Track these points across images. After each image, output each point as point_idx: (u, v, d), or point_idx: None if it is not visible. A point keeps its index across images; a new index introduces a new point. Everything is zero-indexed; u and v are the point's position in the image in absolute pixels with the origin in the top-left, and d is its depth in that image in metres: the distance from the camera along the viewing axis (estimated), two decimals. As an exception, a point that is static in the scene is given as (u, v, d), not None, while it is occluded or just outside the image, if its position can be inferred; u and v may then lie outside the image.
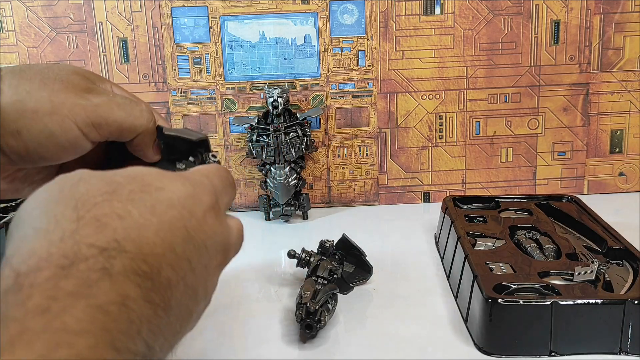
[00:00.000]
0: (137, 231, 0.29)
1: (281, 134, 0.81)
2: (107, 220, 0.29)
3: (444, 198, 0.78)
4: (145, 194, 0.31)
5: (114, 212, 0.29)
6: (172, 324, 0.30)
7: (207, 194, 0.35)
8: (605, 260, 0.60)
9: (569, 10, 0.87)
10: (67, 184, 0.31)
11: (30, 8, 0.84)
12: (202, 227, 0.33)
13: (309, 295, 0.54)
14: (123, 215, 0.30)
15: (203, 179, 0.36)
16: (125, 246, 0.28)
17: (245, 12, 0.85)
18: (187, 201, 0.33)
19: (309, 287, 0.56)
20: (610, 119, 0.90)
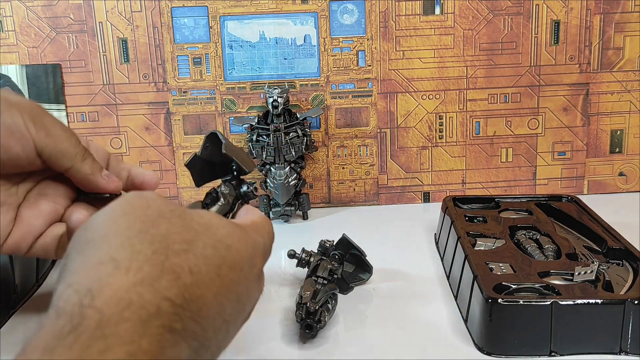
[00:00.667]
0: (201, 290, 0.30)
1: (281, 134, 0.81)
2: (181, 273, 0.30)
3: (444, 198, 0.78)
4: (215, 250, 0.32)
5: (187, 266, 0.30)
6: None
7: (260, 257, 0.37)
8: (605, 260, 0.60)
9: (569, 10, 0.87)
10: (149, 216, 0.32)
11: (30, 8, 0.84)
12: (249, 291, 0.35)
13: (309, 295, 0.54)
14: (195, 271, 0.30)
15: (259, 240, 0.37)
16: (190, 305, 0.29)
17: (245, 12, 0.85)
18: (245, 265, 0.35)
19: (309, 287, 0.56)
20: (610, 119, 0.90)
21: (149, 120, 0.88)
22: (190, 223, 0.33)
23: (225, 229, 0.34)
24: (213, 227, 0.34)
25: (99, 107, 0.87)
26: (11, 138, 0.40)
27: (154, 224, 0.31)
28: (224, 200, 0.43)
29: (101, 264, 0.29)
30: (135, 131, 0.88)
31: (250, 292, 0.35)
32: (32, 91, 0.85)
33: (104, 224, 0.32)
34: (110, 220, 0.32)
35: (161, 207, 0.33)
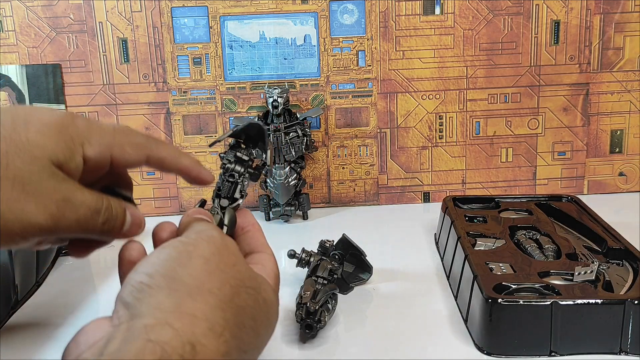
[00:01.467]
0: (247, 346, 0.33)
1: (281, 134, 0.81)
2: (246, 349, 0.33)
3: (444, 198, 0.78)
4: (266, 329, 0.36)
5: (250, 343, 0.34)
6: None
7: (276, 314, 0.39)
8: (605, 260, 0.60)
9: (569, 10, 0.87)
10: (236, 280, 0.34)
11: (30, 8, 0.84)
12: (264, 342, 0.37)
13: (309, 295, 0.54)
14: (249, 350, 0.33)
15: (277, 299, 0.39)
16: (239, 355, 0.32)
17: (245, 12, 0.85)
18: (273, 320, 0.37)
19: (309, 287, 0.56)
20: (610, 119, 0.90)
21: (149, 120, 0.88)
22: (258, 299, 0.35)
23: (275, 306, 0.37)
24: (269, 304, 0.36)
25: (99, 107, 0.87)
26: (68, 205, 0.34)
27: (238, 293, 0.34)
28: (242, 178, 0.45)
29: (195, 318, 0.30)
30: (135, 131, 0.87)
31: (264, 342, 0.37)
32: (32, 91, 0.86)
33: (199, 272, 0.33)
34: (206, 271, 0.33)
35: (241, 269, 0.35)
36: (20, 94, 0.86)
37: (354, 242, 0.63)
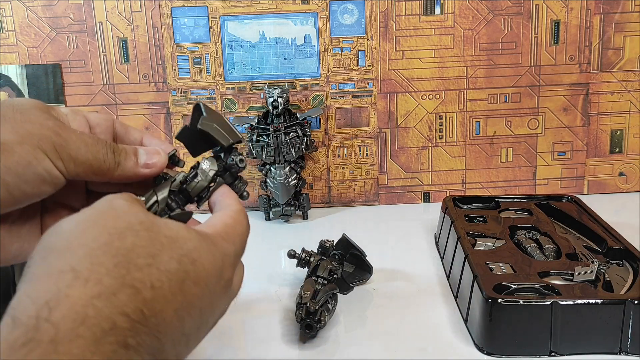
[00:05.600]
0: (162, 305, 0.30)
1: (281, 134, 0.81)
2: (142, 288, 0.30)
3: (444, 198, 0.78)
4: (180, 265, 0.32)
5: (149, 281, 0.30)
6: None
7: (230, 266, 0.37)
8: (605, 260, 0.60)
9: (569, 10, 0.87)
10: (117, 228, 0.32)
11: (30, 8, 0.84)
12: (213, 304, 0.35)
13: (309, 295, 0.54)
14: (156, 286, 0.30)
15: (230, 249, 0.37)
16: (148, 321, 0.29)
17: (245, 12, 0.85)
18: (211, 279, 0.34)
19: (309, 287, 0.56)
20: (610, 119, 0.90)
21: (149, 120, 0.88)
22: (157, 236, 0.32)
23: (193, 242, 0.34)
24: (180, 241, 0.33)
25: (99, 107, 0.87)
26: (44, 184, 0.38)
27: (121, 236, 0.31)
28: (202, 176, 0.42)
29: (62, 273, 0.29)
30: (135, 131, 0.87)
31: (215, 305, 0.35)
32: (32, 91, 0.86)
33: (71, 233, 0.31)
34: (78, 229, 0.31)
35: (131, 218, 0.33)
36: (20, 94, 0.86)
37: (354, 242, 0.63)
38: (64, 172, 0.38)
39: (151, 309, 0.30)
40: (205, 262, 0.34)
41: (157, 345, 0.30)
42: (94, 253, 0.30)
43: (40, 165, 0.37)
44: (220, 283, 0.35)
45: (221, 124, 0.43)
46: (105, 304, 0.28)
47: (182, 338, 0.32)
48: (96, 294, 0.28)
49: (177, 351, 0.32)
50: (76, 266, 0.29)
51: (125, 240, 0.31)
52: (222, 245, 0.36)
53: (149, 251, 0.31)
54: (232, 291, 0.39)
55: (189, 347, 0.34)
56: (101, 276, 0.29)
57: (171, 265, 0.32)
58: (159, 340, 0.30)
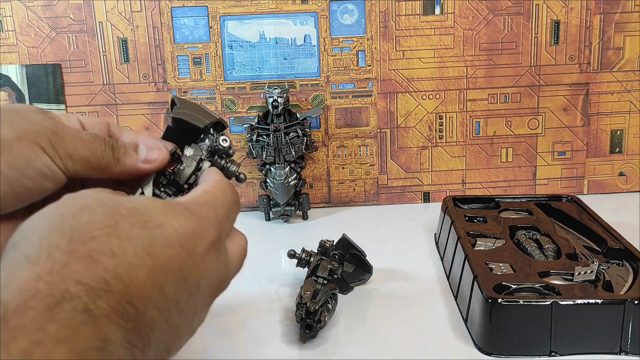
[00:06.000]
0: (128, 271, 0.29)
1: (281, 134, 0.81)
2: (100, 257, 0.29)
3: (444, 198, 0.78)
4: (144, 230, 0.31)
5: (109, 249, 0.29)
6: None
7: (211, 228, 0.35)
8: (605, 260, 0.60)
9: (569, 10, 0.87)
10: (71, 210, 0.31)
11: (30, 8, 0.84)
12: (198, 267, 0.33)
13: (309, 295, 0.54)
14: (117, 252, 0.29)
15: (209, 212, 0.36)
16: (112, 286, 0.28)
17: (245, 12, 0.85)
18: (186, 240, 0.33)
19: (309, 287, 0.56)
20: (610, 119, 0.90)
21: (149, 120, 0.88)
22: (116, 209, 0.32)
23: (158, 209, 0.33)
24: (142, 209, 0.32)
25: (99, 107, 0.87)
26: (44, 180, 0.38)
27: (76, 215, 0.31)
28: (187, 162, 0.41)
29: (15, 261, 0.29)
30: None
31: (201, 268, 0.33)
32: (32, 91, 0.86)
33: (29, 225, 0.31)
34: (36, 220, 0.31)
35: (89, 199, 0.32)
36: (20, 94, 0.86)
37: (354, 242, 0.63)
38: (62, 168, 0.38)
39: (114, 276, 0.28)
40: (175, 224, 0.33)
41: (133, 311, 0.29)
42: (46, 236, 0.29)
43: (39, 160, 0.37)
44: (200, 245, 0.34)
45: (195, 109, 0.43)
46: (56, 278, 0.27)
47: (169, 304, 0.31)
48: (47, 270, 0.28)
49: (166, 317, 0.31)
50: (29, 252, 0.29)
51: (81, 219, 0.30)
52: (197, 210, 0.35)
53: (106, 223, 0.31)
54: (229, 259, 0.37)
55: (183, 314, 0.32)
56: (52, 254, 0.28)
57: (133, 231, 0.31)
58: (133, 305, 0.29)
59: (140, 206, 0.33)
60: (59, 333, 0.26)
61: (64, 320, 0.26)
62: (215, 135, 0.43)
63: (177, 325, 0.32)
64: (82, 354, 0.26)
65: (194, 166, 0.42)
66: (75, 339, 0.26)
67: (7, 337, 0.25)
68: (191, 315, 0.33)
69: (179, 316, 0.32)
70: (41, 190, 0.38)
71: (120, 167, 0.41)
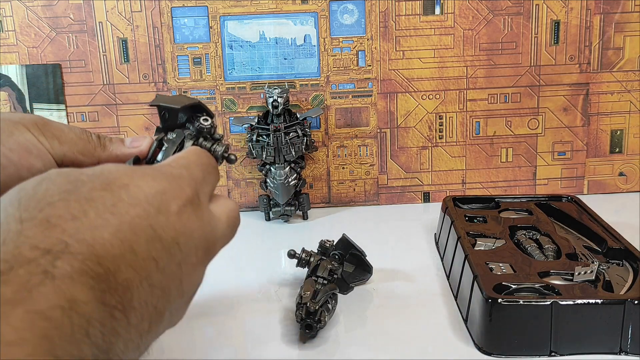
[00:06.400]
0: (90, 232, 0.28)
1: (281, 134, 0.81)
2: (58, 222, 0.28)
3: (444, 198, 0.78)
4: (106, 192, 0.30)
5: (68, 213, 0.28)
6: (137, 324, 0.29)
7: (185, 187, 0.34)
8: (605, 260, 0.60)
9: (569, 10, 0.87)
10: (30, 183, 0.30)
11: (30, 8, 0.84)
12: (174, 224, 0.32)
13: (309, 295, 0.54)
14: (77, 215, 0.29)
15: (182, 171, 0.35)
16: (74, 247, 0.27)
17: (245, 12, 0.85)
18: (154, 198, 0.32)
19: (309, 287, 0.56)
20: (610, 119, 0.90)
21: (149, 120, 0.87)
22: (77, 176, 0.31)
23: (121, 171, 0.32)
24: (105, 173, 0.32)
25: (99, 107, 0.87)
26: (30, 156, 0.38)
27: (34, 187, 0.30)
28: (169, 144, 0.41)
29: None
30: (135, 131, 0.88)
31: (177, 225, 0.32)
32: (32, 91, 0.86)
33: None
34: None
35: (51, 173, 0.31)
36: (20, 94, 0.86)
37: (354, 242, 0.63)
38: (47, 147, 0.39)
39: (76, 238, 0.28)
40: (142, 183, 0.32)
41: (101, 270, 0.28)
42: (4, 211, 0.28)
43: (23, 135, 0.39)
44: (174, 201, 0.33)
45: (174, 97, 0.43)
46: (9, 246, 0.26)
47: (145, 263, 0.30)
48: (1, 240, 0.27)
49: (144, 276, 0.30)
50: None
51: (39, 188, 0.30)
52: (166, 170, 0.35)
53: (65, 189, 0.30)
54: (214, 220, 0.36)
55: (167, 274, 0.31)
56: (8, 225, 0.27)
57: (94, 193, 0.30)
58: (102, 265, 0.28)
59: (102, 171, 0.32)
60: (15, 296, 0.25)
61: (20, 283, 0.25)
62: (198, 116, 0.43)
63: (161, 286, 0.31)
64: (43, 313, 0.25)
65: (175, 147, 0.41)
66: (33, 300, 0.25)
67: None
68: (178, 275, 0.32)
69: (161, 274, 0.31)
70: (28, 168, 0.38)
71: (107, 152, 0.42)
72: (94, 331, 0.27)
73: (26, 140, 0.38)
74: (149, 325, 0.30)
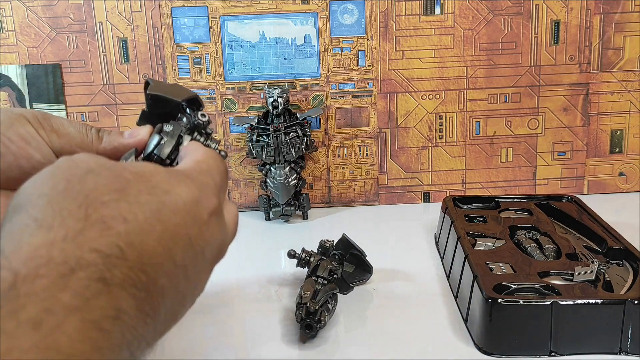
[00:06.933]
0: (140, 237, 0.29)
1: (281, 134, 0.81)
2: (113, 223, 0.28)
3: (444, 198, 0.78)
4: (152, 196, 0.31)
5: (120, 214, 0.29)
6: (157, 329, 0.30)
7: (211, 196, 0.35)
8: (605, 260, 0.60)
9: (569, 10, 0.87)
10: (76, 174, 0.30)
11: (30, 8, 0.84)
12: (203, 233, 0.33)
13: (309, 295, 0.54)
14: (129, 218, 0.29)
15: (207, 179, 0.36)
16: (127, 254, 0.28)
17: (245, 12, 0.85)
18: (192, 207, 0.33)
19: (309, 287, 0.56)
20: (610, 119, 0.90)
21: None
22: (121, 173, 0.31)
23: (161, 175, 0.33)
24: (147, 174, 0.32)
25: (99, 107, 0.87)
26: (29, 146, 0.39)
27: (81, 180, 0.30)
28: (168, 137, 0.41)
29: (24, 226, 0.28)
30: (135, 131, 0.88)
31: (206, 234, 0.34)
32: (32, 91, 0.86)
33: (29, 189, 0.30)
34: (35, 184, 0.31)
35: (90, 164, 0.32)
36: (20, 94, 0.86)
37: (354, 242, 0.63)
38: (46, 140, 0.40)
39: (128, 242, 0.28)
40: (180, 191, 0.33)
41: (145, 279, 0.28)
42: (54, 200, 0.29)
43: (23, 127, 0.39)
44: (205, 211, 0.34)
45: (170, 87, 0.43)
46: (70, 245, 0.27)
47: (178, 270, 0.31)
48: (61, 237, 0.27)
49: (174, 284, 0.30)
50: (38, 216, 0.28)
51: (87, 183, 0.30)
52: (197, 178, 0.35)
53: (114, 187, 0.30)
54: (226, 227, 0.37)
55: (190, 281, 0.32)
56: (65, 219, 0.28)
57: (141, 197, 0.30)
58: (146, 273, 0.28)
59: (144, 171, 0.32)
60: (72, 302, 0.25)
61: (78, 289, 0.25)
62: (195, 111, 0.43)
63: (183, 292, 0.32)
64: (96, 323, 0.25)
65: (175, 141, 0.41)
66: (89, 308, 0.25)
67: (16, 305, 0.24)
68: (195, 282, 0.33)
69: (186, 283, 0.32)
70: (27, 157, 0.39)
71: (105, 143, 0.43)
72: (131, 338, 0.27)
73: (26, 132, 0.39)
74: (164, 328, 0.31)
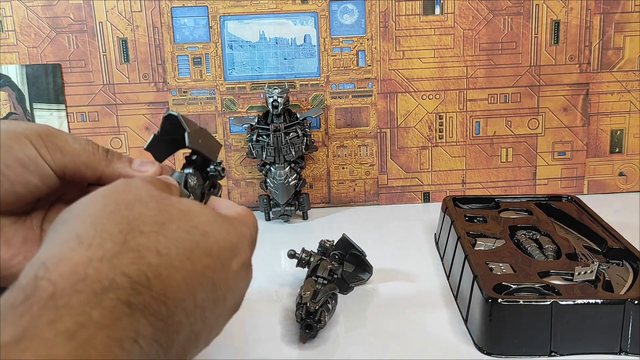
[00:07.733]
0: (168, 271, 0.30)
1: (281, 134, 0.81)
2: (146, 253, 0.30)
3: (444, 198, 0.78)
4: (189, 235, 0.32)
5: (155, 247, 0.30)
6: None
7: (246, 248, 0.37)
8: (605, 260, 0.60)
9: (569, 10, 0.87)
10: (125, 199, 0.32)
11: (30, 8, 0.84)
12: (229, 280, 0.34)
13: (309, 295, 0.54)
14: (162, 252, 0.31)
15: (246, 231, 0.37)
16: (152, 284, 0.29)
17: (245, 12, 0.85)
18: (225, 253, 0.34)
19: (309, 287, 0.56)
20: (610, 119, 0.90)
21: (149, 120, 0.87)
22: (167, 207, 0.33)
23: (205, 216, 0.34)
24: (192, 213, 0.34)
25: (99, 107, 0.87)
26: (26, 172, 0.38)
27: (129, 206, 0.32)
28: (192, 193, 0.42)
29: (67, 240, 0.30)
30: (135, 131, 0.88)
31: (231, 282, 0.35)
32: (32, 91, 0.86)
33: (81, 206, 0.32)
34: (88, 202, 0.32)
35: (142, 192, 0.33)
36: (20, 94, 0.86)
37: (354, 242, 0.63)
38: (49, 161, 0.38)
39: (156, 274, 0.30)
40: (218, 235, 0.34)
41: (165, 311, 0.29)
42: (99, 221, 0.31)
43: (22, 150, 0.38)
44: (236, 260, 0.35)
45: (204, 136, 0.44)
46: (105, 265, 0.28)
47: (196, 310, 0.32)
48: (98, 257, 0.29)
49: (192, 323, 0.31)
50: (81, 233, 0.30)
51: (133, 210, 0.32)
52: (237, 226, 0.37)
53: (156, 220, 0.32)
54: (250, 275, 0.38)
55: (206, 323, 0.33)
56: (104, 241, 0.29)
57: (179, 234, 0.32)
58: (167, 306, 0.30)
59: (190, 211, 0.34)
60: (102, 319, 0.27)
61: (108, 308, 0.27)
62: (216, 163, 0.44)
63: (198, 333, 0.33)
64: (120, 342, 0.27)
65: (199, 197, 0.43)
66: (115, 327, 0.27)
67: (55, 315, 0.26)
68: (212, 326, 0.34)
69: (203, 324, 0.33)
70: (24, 183, 0.38)
71: (111, 168, 0.42)
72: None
73: (25, 156, 0.38)
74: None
